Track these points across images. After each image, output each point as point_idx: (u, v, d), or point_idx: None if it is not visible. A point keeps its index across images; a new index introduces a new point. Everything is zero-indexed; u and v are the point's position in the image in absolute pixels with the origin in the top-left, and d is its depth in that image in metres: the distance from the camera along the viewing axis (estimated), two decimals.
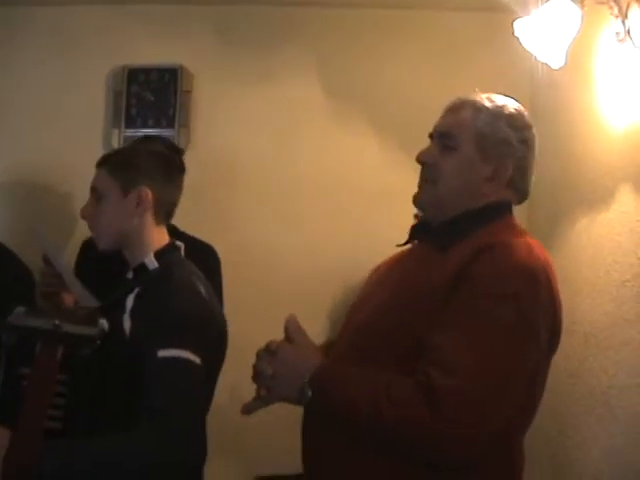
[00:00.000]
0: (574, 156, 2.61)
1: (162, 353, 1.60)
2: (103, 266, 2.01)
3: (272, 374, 1.55)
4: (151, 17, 3.23)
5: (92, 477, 1.52)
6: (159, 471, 1.54)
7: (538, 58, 2.35)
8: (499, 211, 1.65)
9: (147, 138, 2.72)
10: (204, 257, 2.47)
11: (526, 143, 1.65)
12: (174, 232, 2.48)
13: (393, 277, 1.69)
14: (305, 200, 3.17)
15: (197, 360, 1.62)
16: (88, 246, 2.45)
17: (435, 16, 3.17)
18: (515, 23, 2.31)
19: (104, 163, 1.90)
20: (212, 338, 1.74)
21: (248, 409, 1.60)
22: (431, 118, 1.82)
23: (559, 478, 2.47)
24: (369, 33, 3.21)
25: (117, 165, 1.86)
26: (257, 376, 1.60)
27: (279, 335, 1.64)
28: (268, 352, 1.59)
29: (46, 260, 2.38)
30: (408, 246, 1.77)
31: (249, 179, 3.17)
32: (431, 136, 1.71)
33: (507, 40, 2.39)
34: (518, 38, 2.32)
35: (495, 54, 2.93)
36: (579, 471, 2.38)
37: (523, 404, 1.51)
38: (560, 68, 2.33)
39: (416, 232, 1.73)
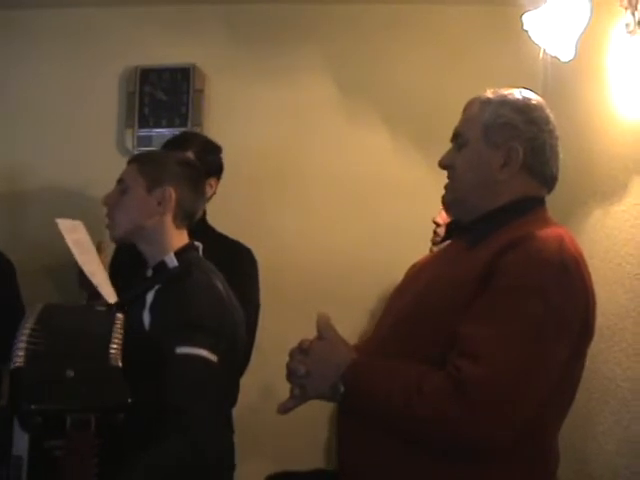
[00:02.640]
0: (586, 149, 2.60)
1: (180, 350, 1.65)
2: (135, 267, 2.04)
3: (305, 372, 1.57)
4: (162, 17, 3.25)
5: None
6: (186, 471, 1.59)
7: (548, 51, 2.34)
8: (530, 205, 1.65)
9: (186, 134, 2.75)
10: (238, 258, 2.49)
11: (535, 123, 1.64)
12: (211, 233, 2.54)
13: (426, 274, 1.71)
14: (317, 196, 3.19)
15: (214, 358, 1.67)
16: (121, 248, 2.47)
17: (446, 10, 3.16)
18: (524, 16, 2.31)
19: (136, 160, 1.97)
20: (229, 337, 1.77)
21: (284, 408, 1.61)
22: (443, 113, 1.83)
23: (575, 471, 2.47)
24: (380, 29, 3.21)
25: (147, 164, 1.93)
26: (291, 375, 1.61)
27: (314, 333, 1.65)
28: (300, 351, 1.61)
29: None
30: (445, 244, 1.79)
31: (262, 177, 3.18)
32: (451, 140, 1.73)
33: (517, 34, 2.38)
34: (527, 31, 2.31)
35: (505, 48, 2.93)
36: (595, 464, 2.37)
37: (554, 397, 1.51)
38: (570, 61, 2.32)
39: (450, 230, 1.77)
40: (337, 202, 3.17)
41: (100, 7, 3.25)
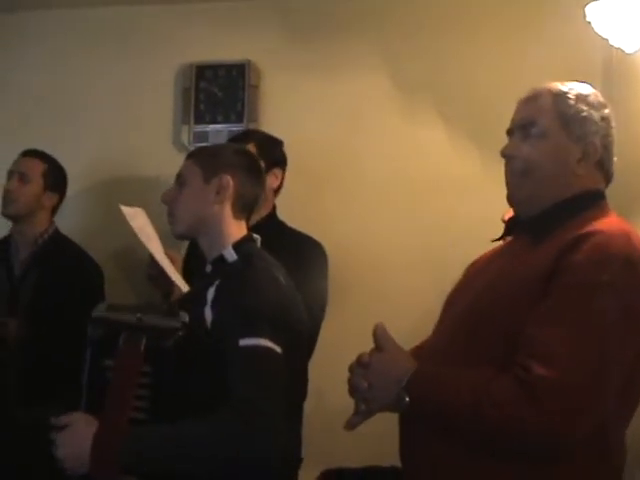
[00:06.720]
0: None
1: (243, 342, 1.62)
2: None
3: (367, 386, 1.56)
4: (217, 14, 3.28)
5: (176, 460, 1.56)
6: (243, 457, 1.56)
7: (611, 43, 2.29)
8: (593, 200, 1.63)
9: (248, 130, 2.79)
10: (308, 253, 2.52)
11: (606, 121, 1.64)
12: (281, 226, 2.56)
13: (489, 272, 1.68)
14: (373, 193, 3.16)
15: (277, 349, 1.64)
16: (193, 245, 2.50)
17: (503, 3, 3.10)
18: (587, 7, 2.26)
19: (192, 154, 1.97)
20: (292, 329, 1.75)
21: (351, 425, 1.61)
22: (500, 107, 1.79)
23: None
24: (436, 21, 3.17)
25: (203, 155, 1.93)
26: (353, 391, 1.60)
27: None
28: (360, 365, 1.60)
29: None
30: (501, 241, 1.78)
31: (317, 173, 3.17)
32: (509, 132, 1.69)
33: (579, 25, 2.34)
34: (590, 23, 2.26)
35: (567, 40, 2.86)
36: None
37: (625, 391, 1.49)
38: (635, 52, 2.27)
39: (511, 227, 1.74)
40: (393, 199, 3.14)
41: (156, 5, 3.30)
